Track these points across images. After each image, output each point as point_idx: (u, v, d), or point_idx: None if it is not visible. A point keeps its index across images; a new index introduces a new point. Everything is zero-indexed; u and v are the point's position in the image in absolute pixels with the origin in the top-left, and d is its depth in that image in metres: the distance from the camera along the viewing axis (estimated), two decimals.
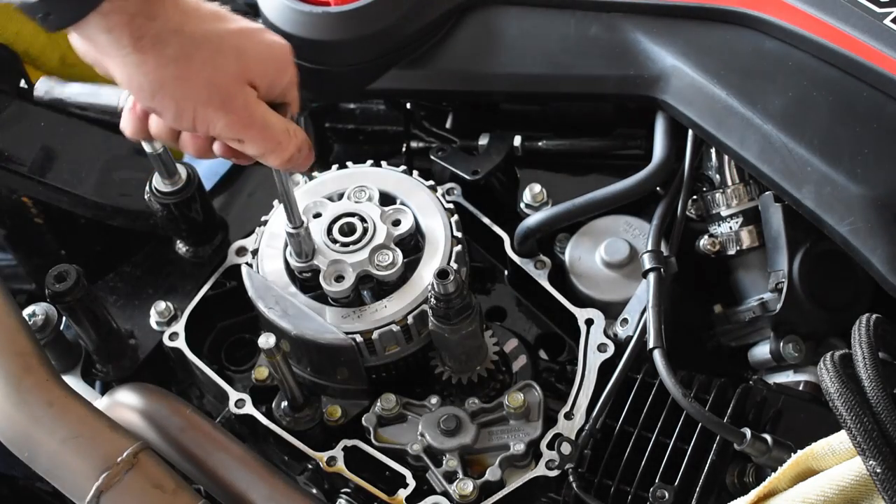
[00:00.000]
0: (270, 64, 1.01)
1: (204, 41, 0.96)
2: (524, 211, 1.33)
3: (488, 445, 1.18)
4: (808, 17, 1.19)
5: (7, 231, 1.48)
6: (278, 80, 1.02)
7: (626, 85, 1.28)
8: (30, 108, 1.45)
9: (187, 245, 1.36)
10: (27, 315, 1.28)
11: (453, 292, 1.13)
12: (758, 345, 1.25)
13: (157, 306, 1.30)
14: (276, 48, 1.02)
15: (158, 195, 1.29)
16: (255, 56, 0.99)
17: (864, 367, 0.90)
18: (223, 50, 0.97)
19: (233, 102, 0.97)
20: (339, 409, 1.24)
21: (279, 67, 1.02)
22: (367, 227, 1.22)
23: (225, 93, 0.97)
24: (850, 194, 1.11)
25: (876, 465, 0.86)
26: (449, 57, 1.33)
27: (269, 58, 1.01)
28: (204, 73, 0.95)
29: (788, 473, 0.95)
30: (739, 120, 1.19)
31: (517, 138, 1.41)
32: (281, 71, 1.02)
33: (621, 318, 1.24)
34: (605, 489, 1.16)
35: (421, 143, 1.49)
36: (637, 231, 1.31)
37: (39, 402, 1.13)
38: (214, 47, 0.96)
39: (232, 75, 0.97)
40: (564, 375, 1.29)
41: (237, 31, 0.99)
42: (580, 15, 1.31)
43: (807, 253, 1.21)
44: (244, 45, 0.99)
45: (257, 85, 0.99)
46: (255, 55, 0.99)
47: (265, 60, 1.00)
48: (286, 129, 1.01)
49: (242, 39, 0.99)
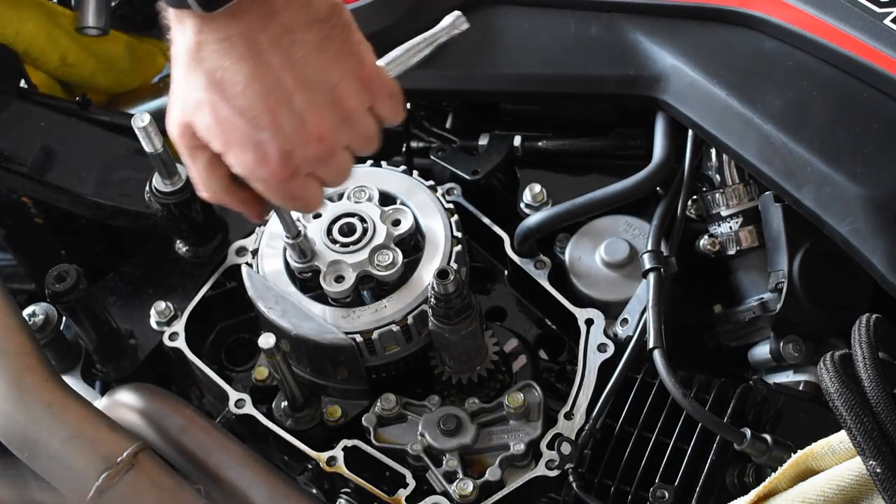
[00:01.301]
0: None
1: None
2: (524, 211, 1.33)
3: (488, 445, 1.18)
4: (808, 17, 1.19)
5: (7, 231, 1.48)
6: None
7: (626, 85, 1.28)
8: (30, 108, 1.46)
9: (187, 245, 1.36)
10: (27, 315, 1.28)
11: (453, 292, 1.13)
12: (758, 345, 1.25)
13: (157, 306, 1.30)
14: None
15: (158, 195, 1.29)
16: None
17: (864, 367, 0.90)
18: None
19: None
20: (339, 409, 1.24)
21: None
22: (366, 227, 1.22)
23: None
24: (850, 194, 1.11)
25: (876, 465, 0.86)
26: (449, 57, 1.33)
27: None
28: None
29: (788, 473, 0.95)
30: (739, 120, 1.19)
31: (517, 138, 1.41)
32: None
33: (621, 318, 1.24)
34: (605, 489, 1.16)
35: (421, 143, 1.49)
36: (637, 231, 1.31)
37: (39, 402, 1.13)
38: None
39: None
40: (564, 375, 1.29)
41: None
42: (580, 15, 1.31)
43: (807, 253, 1.21)
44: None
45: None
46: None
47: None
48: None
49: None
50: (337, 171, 0.99)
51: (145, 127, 1.19)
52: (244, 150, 0.95)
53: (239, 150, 0.95)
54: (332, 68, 0.95)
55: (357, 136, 0.99)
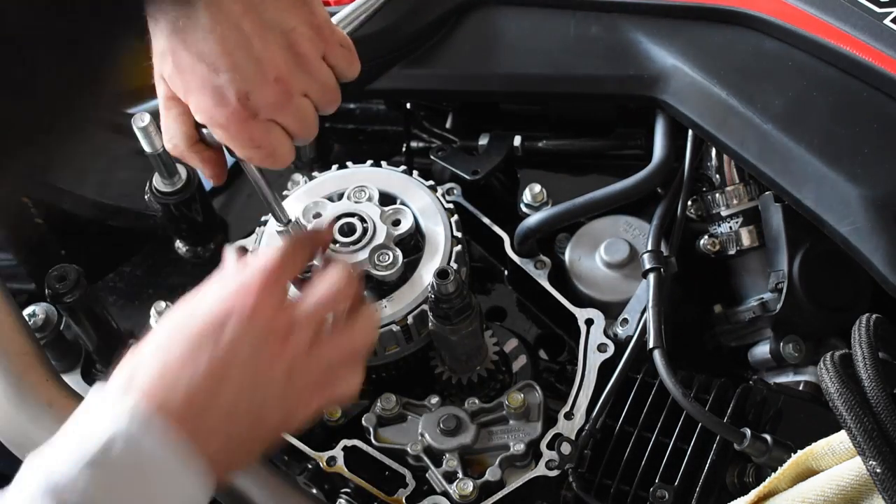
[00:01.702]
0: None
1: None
2: (524, 211, 1.33)
3: (488, 445, 1.18)
4: (808, 17, 1.19)
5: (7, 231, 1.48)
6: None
7: (626, 85, 1.28)
8: None
9: (187, 245, 1.36)
10: (27, 315, 1.28)
11: (453, 292, 1.13)
12: (758, 345, 1.25)
13: (157, 306, 1.30)
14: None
15: (158, 195, 1.29)
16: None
17: (864, 367, 0.90)
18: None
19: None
20: (339, 409, 1.24)
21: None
22: (366, 227, 1.22)
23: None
24: (850, 194, 1.11)
25: (876, 465, 0.86)
26: (449, 57, 1.33)
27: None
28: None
29: (788, 473, 0.95)
30: (739, 120, 1.19)
31: (517, 138, 1.41)
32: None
33: (621, 318, 1.24)
34: (605, 489, 1.16)
35: (421, 143, 1.49)
36: (637, 231, 1.31)
37: (39, 402, 1.14)
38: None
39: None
40: (564, 375, 1.29)
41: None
42: (580, 15, 1.31)
43: (807, 253, 1.21)
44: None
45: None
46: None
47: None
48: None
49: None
50: (298, 117, 1.01)
51: (145, 127, 1.19)
52: (203, 94, 0.98)
53: (198, 95, 0.98)
54: (288, 14, 0.99)
55: (314, 83, 1.02)
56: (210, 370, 0.92)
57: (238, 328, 0.94)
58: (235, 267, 1.00)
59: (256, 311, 0.95)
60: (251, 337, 0.94)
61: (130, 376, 0.91)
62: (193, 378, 0.91)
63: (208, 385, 0.92)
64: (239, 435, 0.94)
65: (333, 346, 1.00)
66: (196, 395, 0.91)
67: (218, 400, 0.92)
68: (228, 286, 0.97)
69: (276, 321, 0.96)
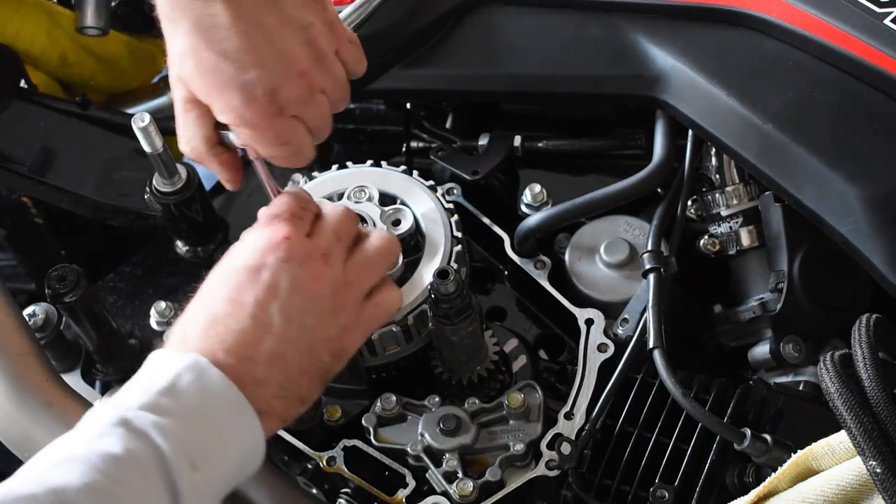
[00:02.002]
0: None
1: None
2: (524, 211, 1.33)
3: (488, 445, 1.18)
4: (808, 17, 1.19)
5: (7, 231, 1.48)
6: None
7: (626, 85, 1.28)
8: (30, 108, 1.46)
9: (187, 245, 1.36)
10: (27, 315, 1.28)
11: (453, 292, 1.13)
12: (758, 345, 1.25)
13: (157, 306, 1.29)
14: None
15: (158, 195, 1.29)
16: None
17: (864, 367, 0.90)
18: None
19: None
20: (339, 409, 1.24)
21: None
22: (367, 227, 1.22)
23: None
24: (850, 194, 1.11)
25: (876, 465, 0.86)
26: (449, 57, 1.33)
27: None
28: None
29: (788, 473, 0.95)
30: (739, 120, 1.19)
31: (517, 138, 1.41)
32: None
33: (621, 318, 1.24)
34: (605, 489, 1.16)
35: (421, 143, 1.49)
36: (637, 231, 1.31)
37: (39, 402, 1.14)
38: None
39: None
40: (564, 375, 1.29)
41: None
42: (580, 15, 1.31)
43: (807, 253, 1.21)
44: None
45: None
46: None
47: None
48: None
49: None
50: (319, 114, 1.03)
51: (145, 127, 1.19)
52: (230, 93, 0.98)
53: (225, 94, 0.98)
54: (305, 9, 1.00)
55: (330, 79, 1.03)
56: (255, 312, 0.99)
57: (274, 265, 1.01)
58: (262, 219, 1.06)
59: (289, 245, 1.02)
60: (289, 270, 1.01)
61: (183, 335, 1.00)
62: (240, 324, 0.98)
63: (255, 326, 0.99)
64: (296, 366, 1.01)
65: (361, 261, 1.08)
66: (245, 339, 0.98)
67: (268, 338, 0.99)
68: (258, 233, 1.04)
69: (309, 248, 1.03)
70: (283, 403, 1.01)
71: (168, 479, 0.88)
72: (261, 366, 0.98)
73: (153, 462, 0.87)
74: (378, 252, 1.10)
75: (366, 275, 1.08)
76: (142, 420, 0.89)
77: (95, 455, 0.86)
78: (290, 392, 1.01)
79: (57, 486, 0.82)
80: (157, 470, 0.87)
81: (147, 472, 0.87)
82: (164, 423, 0.90)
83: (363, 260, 1.08)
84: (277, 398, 1.00)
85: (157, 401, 0.91)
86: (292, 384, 1.01)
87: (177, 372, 0.93)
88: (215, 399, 0.94)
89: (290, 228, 1.03)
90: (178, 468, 0.88)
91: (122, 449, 0.86)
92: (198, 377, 0.94)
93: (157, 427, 0.89)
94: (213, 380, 0.94)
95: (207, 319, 0.99)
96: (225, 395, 0.95)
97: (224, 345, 0.98)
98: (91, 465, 0.85)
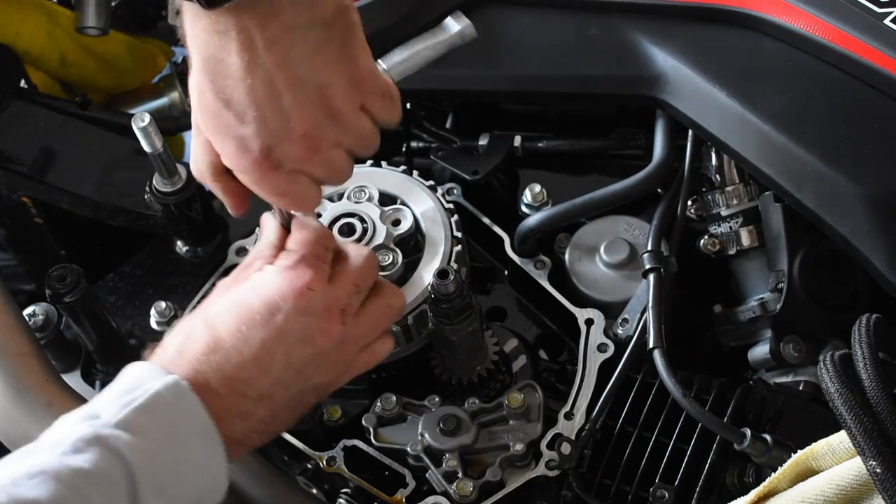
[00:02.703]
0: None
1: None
2: (524, 211, 1.33)
3: (488, 445, 1.18)
4: (808, 17, 1.19)
5: (7, 231, 1.48)
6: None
7: (626, 85, 1.28)
8: (30, 108, 1.46)
9: (187, 245, 1.36)
10: (27, 315, 1.28)
11: (453, 292, 1.13)
12: (758, 345, 1.25)
13: (157, 306, 1.29)
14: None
15: (158, 195, 1.29)
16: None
17: (864, 367, 0.90)
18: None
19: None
20: (339, 409, 1.24)
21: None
22: (366, 227, 1.22)
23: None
24: (850, 194, 1.11)
25: (876, 465, 0.86)
26: (449, 57, 1.33)
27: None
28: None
29: (788, 473, 0.95)
30: (739, 120, 1.19)
31: (517, 138, 1.41)
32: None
33: (621, 318, 1.24)
34: (605, 489, 1.16)
35: (421, 143, 1.49)
36: (637, 231, 1.31)
37: (39, 402, 1.14)
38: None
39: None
40: (564, 375, 1.29)
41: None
42: (580, 15, 1.31)
43: (807, 253, 1.21)
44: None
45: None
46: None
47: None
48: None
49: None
50: (327, 168, 1.00)
51: (145, 127, 1.19)
52: (226, 141, 0.96)
53: (222, 140, 0.96)
54: (326, 68, 0.95)
55: (349, 133, 0.99)
56: (258, 353, 0.99)
57: (290, 313, 1.01)
58: (286, 258, 1.06)
59: (310, 297, 1.02)
60: (303, 323, 1.01)
61: (182, 347, 0.99)
62: (241, 358, 0.99)
63: (255, 366, 0.99)
64: (283, 405, 1.02)
65: (370, 317, 1.08)
66: (241, 375, 0.99)
67: (264, 380, 1.00)
68: (281, 274, 1.03)
69: (329, 302, 1.03)
70: (260, 437, 1.02)
71: (133, 500, 0.88)
72: (249, 402, 0.99)
73: (123, 482, 0.88)
74: (387, 307, 1.10)
75: (371, 332, 1.08)
76: (116, 439, 0.89)
77: (67, 470, 0.86)
78: (269, 426, 1.03)
79: (27, 500, 0.83)
80: (124, 490, 0.88)
81: (116, 491, 0.87)
82: (137, 444, 0.90)
83: (372, 316, 1.08)
84: (257, 432, 1.01)
85: (134, 419, 0.91)
86: (274, 420, 1.03)
87: (157, 391, 0.93)
88: (190, 428, 0.94)
89: (314, 277, 1.03)
90: (144, 491, 0.89)
91: (94, 466, 0.87)
92: (177, 401, 0.94)
93: (130, 447, 0.89)
94: (191, 407, 0.95)
95: (209, 342, 0.99)
96: (200, 426, 0.95)
97: (220, 374, 0.98)
98: (61, 481, 0.85)
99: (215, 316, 1.02)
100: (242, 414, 0.99)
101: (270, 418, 1.02)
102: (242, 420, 0.99)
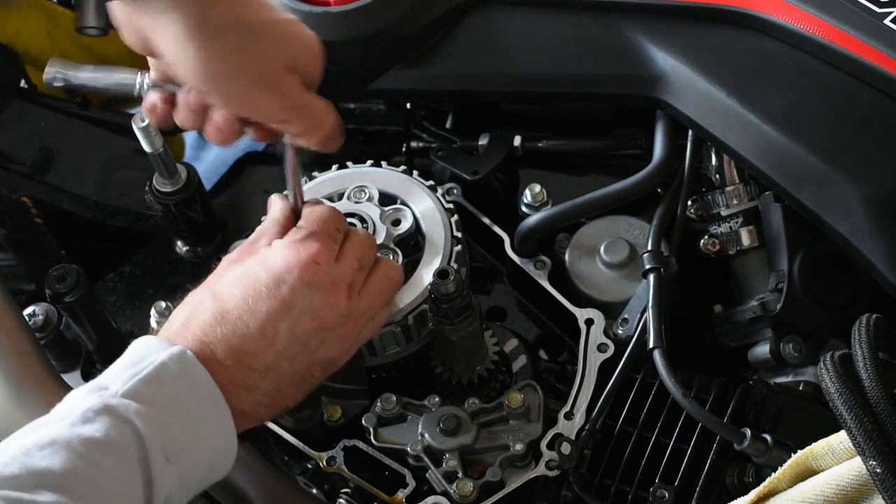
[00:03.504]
0: (311, 54, 1.06)
1: (259, 31, 1.01)
2: (524, 211, 1.33)
3: (488, 445, 1.18)
4: (808, 17, 1.19)
5: (7, 231, 1.48)
6: (316, 69, 1.07)
7: (626, 85, 1.28)
8: (30, 108, 1.46)
9: (187, 245, 1.36)
10: (27, 315, 1.28)
11: (453, 292, 1.13)
12: (758, 345, 1.25)
13: (157, 306, 1.30)
14: (314, 40, 1.07)
15: (158, 195, 1.29)
16: (300, 46, 1.04)
17: (864, 367, 0.90)
18: (275, 40, 1.02)
19: (284, 87, 1.02)
20: (339, 409, 1.24)
21: (316, 58, 1.07)
22: (366, 227, 1.22)
23: (276, 79, 1.02)
24: (850, 194, 1.11)
25: (876, 465, 0.86)
26: (449, 57, 1.33)
27: (311, 48, 1.06)
28: (258, 61, 1.00)
29: (788, 473, 0.95)
30: (739, 120, 1.19)
31: (517, 138, 1.41)
32: (318, 61, 1.07)
33: (621, 318, 1.24)
34: (605, 489, 1.16)
35: (421, 143, 1.49)
36: (637, 231, 1.31)
37: (39, 402, 1.13)
38: (268, 37, 1.01)
39: (282, 63, 1.02)
40: (564, 375, 1.29)
41: (284, 22, 1.04)
42: (580, 15, 1.31)
43: (807, 253, 1.21)
44: (291, 34, 1.04)
45: (301, 72, 1.04)
46: (299, 45, 1.04)
47: (308, 50, 1.05)
48: (327, 110, 1.06)
49: (290, 29, 1.04)
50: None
51: (145, 127, 1.19)
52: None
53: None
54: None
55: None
56: (264, 324, 1.01)
57: (296, 285, 1.02)
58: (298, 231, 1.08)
59: (316, 270, 1.04)
60: (308, 295, 1.03)
61: (188, 319, 1.01)
62: (247, 329, 1.00)
63: (261, 337, 1.01)
64: (288, 380, 1.04)
65: (372, 292, 1.10)
66: (247, 347, 1.00)
67: (269, 352, 1.01)
68: (290, 246, 1.05)
69: (336, 277, 1.05)
70: (266, 410, 1.03)
71: (145, 467, 0.89)
72: (255, 374, 1.00)
73: (134, 449, 0.89)
74: (387, 280, 1.13)
75: (373, 306, 1.11)
76: (125, 408, 0.90)
77: (78, 440, 0.87)
78: (276, 400, 1.04)
79: (39, 470, 0.84)
80: (136, 457, 0.89)
81: (127, 459, 0.88)
82: (146, 412, 0.91)
83: (374, 291, 1.10)
84: (263, 405, 1.02)
85: (141, 389, 0.93)
86: (280, 394, 1.04)
87: (163, 361, 0.95)
88: (197, 396, 0.96)
89: (322, 252, 1.05)
90: (155, 458, 0.90)
91: (104, 435, 0.88)
92: (183, 370, 0.95)
93: (139, 415, 0.90)
94: (197, 376, 0.96)
95: (216, 313, 1.01)
96: (207, 393, 0.96)
97: (226, 345, 0.99)
98: (73, 451, 0.86)
99: (222, 288, 1.03)
100: (248, 386, 1.00)
101: (276, 391, 1.03)
102: (248, 392, 1.00)
